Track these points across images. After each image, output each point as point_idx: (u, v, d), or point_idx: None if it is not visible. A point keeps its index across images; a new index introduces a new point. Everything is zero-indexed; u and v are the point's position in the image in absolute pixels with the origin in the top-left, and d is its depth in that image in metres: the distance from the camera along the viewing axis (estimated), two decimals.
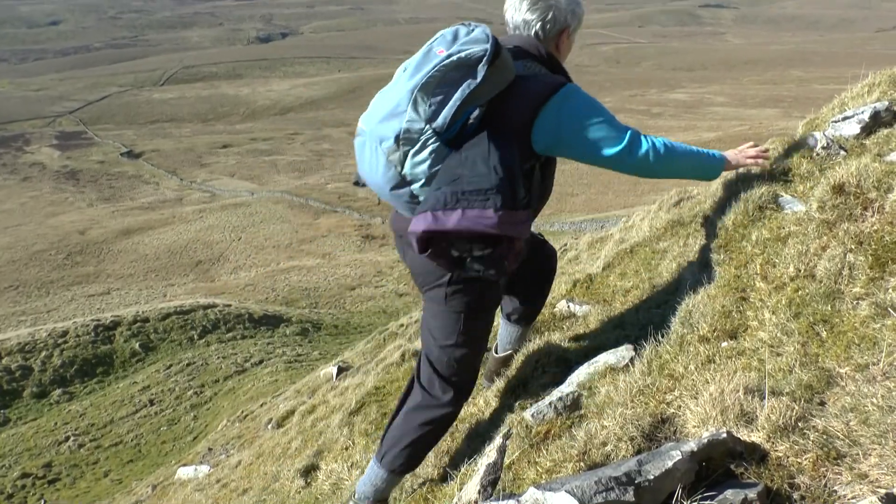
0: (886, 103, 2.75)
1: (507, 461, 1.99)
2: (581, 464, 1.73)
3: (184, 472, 8.86)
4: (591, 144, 2.35)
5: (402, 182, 2.32)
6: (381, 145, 2.32)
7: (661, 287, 3.28)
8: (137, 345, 24.57)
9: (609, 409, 1.98)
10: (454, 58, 2.24)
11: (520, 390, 2.80)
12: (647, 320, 2.71)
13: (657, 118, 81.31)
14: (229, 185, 62.11)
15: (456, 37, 2.36)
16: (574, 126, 2.34)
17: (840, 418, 1.44)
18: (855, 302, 1.82)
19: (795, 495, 1.36)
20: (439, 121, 2.24)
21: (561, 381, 2.51)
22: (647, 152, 2.34)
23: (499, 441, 1.73)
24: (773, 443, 1.46)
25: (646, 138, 2.36)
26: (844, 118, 2.78)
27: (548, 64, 2.46)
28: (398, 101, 2.29)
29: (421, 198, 2.31)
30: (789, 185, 2.52)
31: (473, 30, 2.35)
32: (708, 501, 1.31)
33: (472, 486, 1.66)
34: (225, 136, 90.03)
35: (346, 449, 4.16)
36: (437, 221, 2.17)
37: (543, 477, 1.82)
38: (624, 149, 2.33)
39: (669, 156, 2.39)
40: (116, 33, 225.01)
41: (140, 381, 22.38)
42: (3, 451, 19.08)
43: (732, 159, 2.55)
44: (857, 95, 3.33)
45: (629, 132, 2.34)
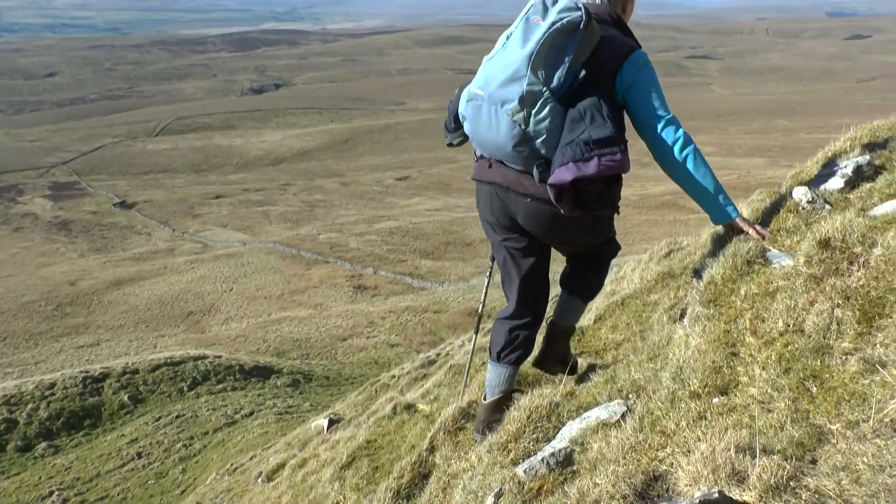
0: (868, 157, 2.81)
1: None
2: None
3: None
4: (646, 107, 2.74)
5: (525, 139, 2.69)
6: (502, 107, 2.69)
7: (652, 340, 3.28)
8: (126, 397, 24.30)
9: (601, 465, 1.97)
10: (558, 25, 2.60)
11: (512, 445, 2.78)
12: (639, 374, 2.71)
13: (647, 167, 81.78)
14: (221, 235, 62.15)
15: (545, 6, 2.70)
16: (641, 88, 2.73)
17: (832, 477, 1.44)
18: (844, 357, 1.83)
19: None
20: (555, 82, 2.63)
21: (553, 436, 2.50)
22: (680, 139, 2.71)
23: (490, 500, 1.71)
24: (766, 502, 1.46)
25: (684, 131, 2.73)
26: (828, 172, 2.83)
27: (617, 26, 2.87)
28: (517, 67, 2.65)
29: (542, 150, 2.70)
30: (777, 239, 2.56)
31: (556, 2, 2.69)
32: None
33: None
34: (217, 186, 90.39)
35: None
36: (580, 170, 2.55)
37: None
38: (665, 123, 2.72)
39: (694, 158, 2.72)
40: (112, 85, 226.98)
41: (128, 433, 22.07)
42: None
43: (741, 222, 2.77)
44: (840, 149, 3.39)
45: (673, 115, 2.75)
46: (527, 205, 2.83)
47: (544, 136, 2.65)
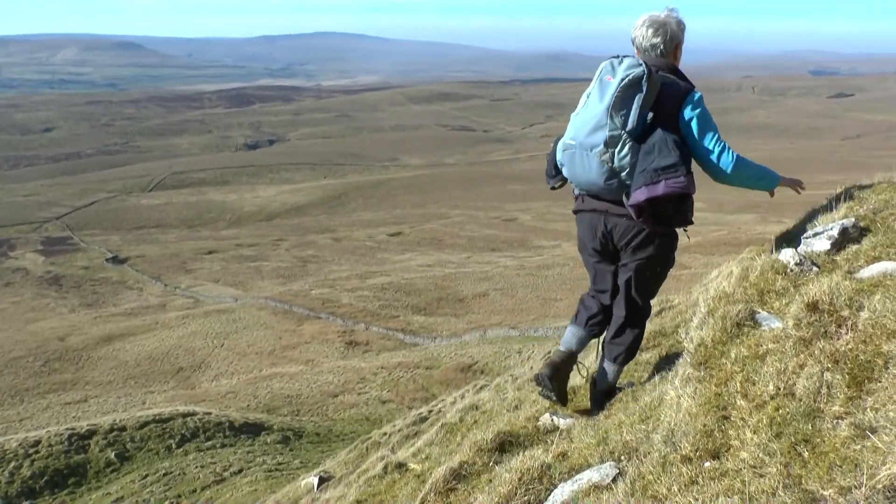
0: (853, 220, 2.84)
1: None
2: None
3: None
4: (702, 139, 3.46)
5: (613, 174, 3.45)
6: (591, 151, 3.48)
7: (644, 401, 3.28)
8: (113, 454, 23.90)
9: None
10: (625, 80, 3.40)
11: None
12: (631, 436, 2.69)
13: None
14: (213, 290, 61.96)
15: (614, 67, 3.53)
16: (697, 124, 3.47)
17: None
18: (835, 421, 1.82)
19: None
20: (630, 125, 3.40)
21: (545, 499, 2.47)
22: (730, 162, 3.45)
23: None
24: None
25: (733, 152, 3.47)
26: (815, 234, 2.87)
27: (673, 72, 3.65)
28: (599, 118, 3.46)
29: (627, 182, 3.44)
30: (766, 301, 2.57)
31: (623, 60, 3.53)
32: None
33: None
34: (210, 241, 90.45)
35: None
36: (650, 192, 3.28)
37: None
38: (719, 151, 3.45)
39: (742, 165, 3.48)
40: (108, 140, 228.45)
41: (114, 492, 21.66)
42: None
43: (786, 182, 3.71)
44: (825, 210, 3.44)
45: (725, 142, 3.47)
46: (622, 223, 3.60)
47: (627, 170, 3.42)
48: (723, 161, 3.44)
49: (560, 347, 4.04)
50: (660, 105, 3.45)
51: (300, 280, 62.37)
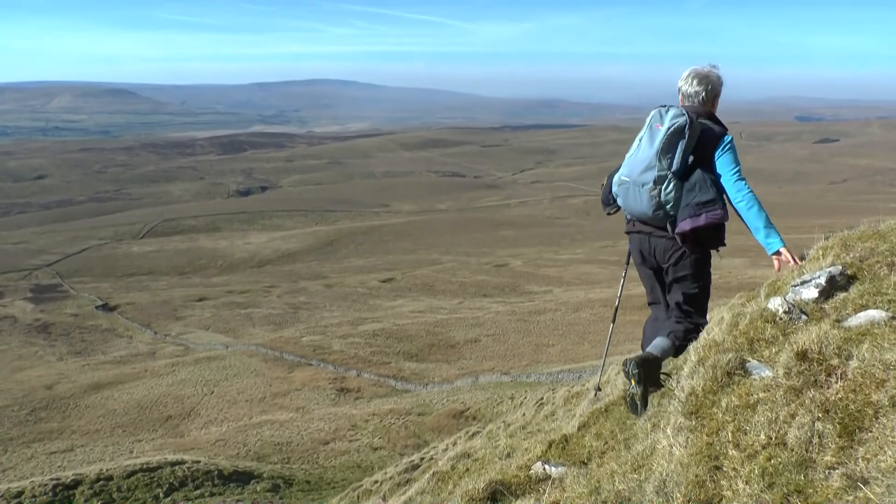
0: (840, 268, 2.87)
1: None
2: None
3: None
4: (726, 175, 4.18)
5: (660, 206, 4.22)
6: (643, 187, 4.25)
7: (636, 450, 3.25)
8: None
9: None
10: (671, 128, 4.17)
11: None
12: (624, 486, 2.67)
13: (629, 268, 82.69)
14: (204, 338, 61.54)
15: (662, 115, 4.30)
16: (724, 163, 4.20)
17: None
18: (827, 472, 1.81)
19: None
20: (675, 167, 4.17)
21: None
22: (748, 193, 4.12)
23: None
24: None
25: (750, 189, 4.15)
26: (803, 282, 2.88)
27: (710, 117, 4.38)
28: (649, 160, 4.23)
29: (672, 213, 4.22)
30: (756, 350, 2.57)
31: (669, 109, 4.30)
32: None
33: None
34: (201, 288, 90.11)
35: None
36: (694, 223, 4.09)
37: None
38: (739, 181, 4.15)
39: (751, 208, 4.11)
40: (100, 187, 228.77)
41: None
42: None
43: (786, 253, 4.00)
44: (813, 258, 3.46)
45: (743, 180, 4.17)
46: (662, 243, 4.38)
47: (671, 203, 4.18)
48: (735, 191, 4.15)
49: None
50: (699, 148, 4.21)
51: (291, 327, 62.06)
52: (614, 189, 4.59)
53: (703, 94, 4.39)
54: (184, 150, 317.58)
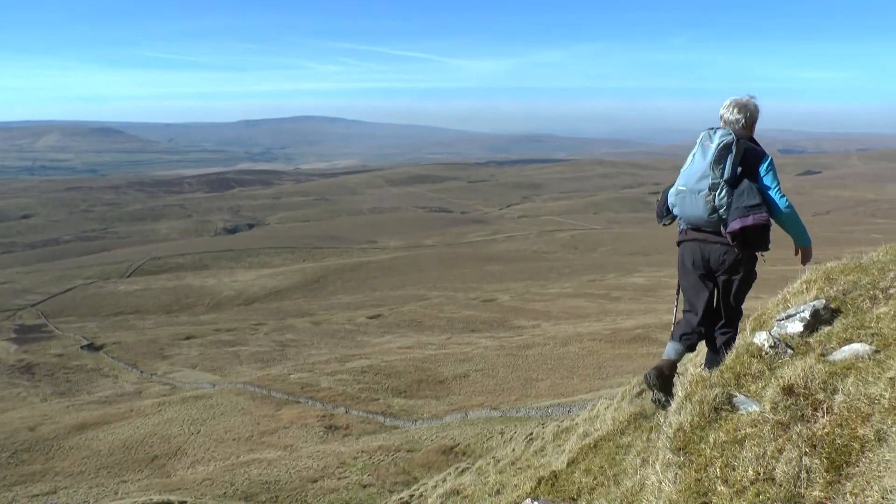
0: (824, 301, 2.89)
1: None
2: None
3: None
4: (772, 185, 5.00)
5: (714, 210, 4.96)
6: (699, 194, 5.00)
7: (626, 486, 3.23)
8: None
9: None
10: (721, 144, 4.97)
11: None
12: None
13: (617, 302, 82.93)
14: (191, 376, 60.98)
15: (710, 136, 5.09)
16: (770, 176, 5.04)
17: None
18: None
19: None
20: (726, 175, 4.94)
21: None
22: (790, 205, 4.99)
23: None
24: None
25: (787, 203, 5.00)
26: (788, 316, 2.90)
27: (750, 140, 5.18)
28: (704, 171, 5.00)
29: (724, 216, 4.94)
30: (742, 385, 2.57)
31: (717, 130, 5.10)
32: None
33: None
34: (188, 327, 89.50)
35: None
36: (743, 222, 4.79)
37: None
38: (783, 197, 4.99)
39: (793, 210, 5.01)
40: (87, 226, 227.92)
41: None
42: None
43: (809, 253, 4.93)
44: (797, 292, 3.49)
45: (783, 195, 5.00)
46: (717, 248, 5.07)
47: (724, 207, 4.92)
48: (780, 202, 4.95)
49: (663, 357, 5.16)
50: (745, 163, 5.00)
51: (279, 364, 61.62)
52: (670, 200, 5.33)
53: (743, 120, 5.19)
54: (171, 188, 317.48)
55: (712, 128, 5.16)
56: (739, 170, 4.97)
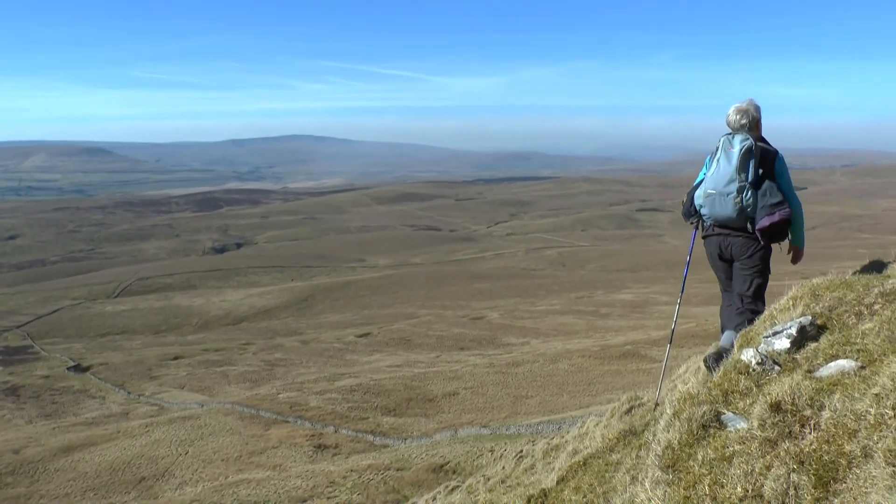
0: (810, 318, 2.91)
1: None
2: None
3: None
4: (786, 185, 5.63)
5: (742, 210, 5.58)
6: (727, 196, 5.59)
7: None
8: None
9: None
10: (743, 150, 5.56)
11: None
12: None
13: (605, 318, 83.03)
14: (179, 397, 60.55)
15: (730, 141, 5.70)
16: (783, 175, 5.68)
17: None
18: None
19: None
20: (751, 179, 5.54)
21: None
22: (799, 205, 5.68)
23: None
24: None
25: (799, 202, 5.67)
26: (775, 333, 2.92)
27: (761, 139, 5.77)
28: (731, 174, 5.59)
29: (751, 214, 5.57)
30: (730, 402, 2.58)
31: (735, 136, 5.71)
32: None
33: None
34: (176, 347, 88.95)
35: None
36: (770, 220, 5.42)
37: None
38: (794, 195, 5.62)
39: (802, 217, 5.73)
40: (74, 246, 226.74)
41: None
42: None
43: (801, 253, 5.86)
44: (784, 308, 3.51)
45: (794, 194, 5.67)
46: (738, 240, 5.75)
47: (750, 207, 5.55)
48: (793, 203, 5.56)
49: (721, 344, 5.54)
50: (762, 163, 5.59)
51: (268, 384, 61.28)
52: (698, 202, 5.94)
53: (747, 123, 5.78)
54: (159, 207, 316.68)
55: (729, 133, 5.77)
56: (760, 171, 5.55)
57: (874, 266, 6.03)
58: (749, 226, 5.63)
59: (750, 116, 5.79)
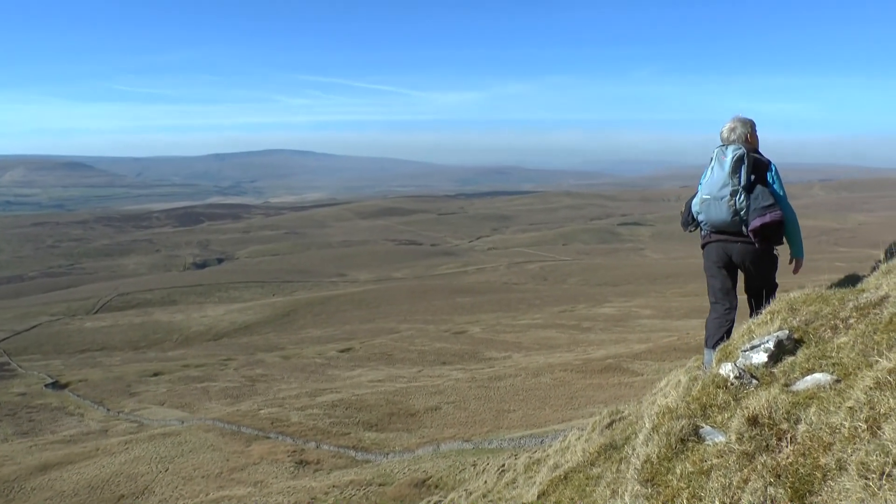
0: (787, 332, 2.95)
1: None
2: None
3: None
4: (779, 191, 5.87)
5: (736, 213, 5.80)
6: (721, 200, 5.82)
7: None
8: None
9: None
10: (735, 157, 5.84)
11: None
12: None
13: (587, 332, 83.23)
14: (158, 413, 59.97)
15: (724, 151, 5.97)
16: (777, 183, 5.92)
17: None
18: None
19: None
20: (743, 183, 5.79)
21: None
22: (794, 214, 5.92)
23: None
24: None
25: (794, 212, 5.93)
26: (753, 347, 2.95)
27: (755, 151, 6.10)
28: (724, 179, 5.84)
29: (745, 217, 5.78)
30: (708, 415, 2.60)
31: (728, 146, 6.00)
32: None
33: None
34: (156, 363, 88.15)
35: None
36: (762, 220, 5.65)
37: None
38: (787, 204, 5.92)
39: (797, 226, 6.00)
40: (53, 262, 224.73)
41: None
42: None
43: (800, 263, 6.19)
44: (761, 322, 3.55)
45: (785, 200, 5.98)
46: (737, 246, 5.95)
47: (744, 210, 5.77)
48: (788, 211, 5.83)
49: (703, 365, 5.79)
50: (755, 171, 5.88)
51: (249, 400, 60.85)
52: (695, 209, 6.17)
53: (738, 137, 6.11)
54: (139, 222, 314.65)
55: (723, 144, 6.08)
56: (753, 177, 5.83)
57: (850, 280, 6.18)
58: (744, 229, 5.85)
59: (738, 132, 6.11)
